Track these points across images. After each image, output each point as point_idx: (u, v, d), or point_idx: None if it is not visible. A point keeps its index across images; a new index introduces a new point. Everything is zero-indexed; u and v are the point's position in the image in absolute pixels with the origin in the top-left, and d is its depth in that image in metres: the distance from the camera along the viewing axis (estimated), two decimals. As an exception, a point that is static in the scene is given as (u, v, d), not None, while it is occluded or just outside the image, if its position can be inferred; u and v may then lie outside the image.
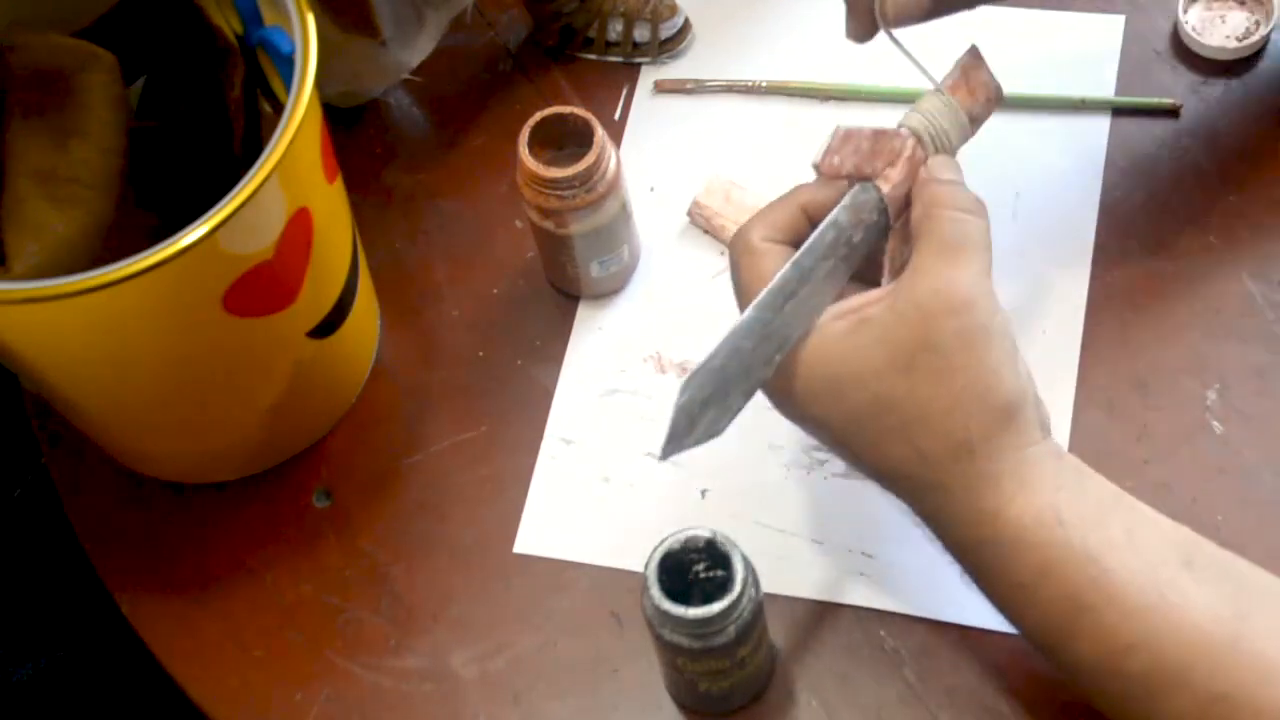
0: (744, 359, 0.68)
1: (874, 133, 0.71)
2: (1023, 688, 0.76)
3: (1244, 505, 0.80)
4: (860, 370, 0.67)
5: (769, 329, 0.68)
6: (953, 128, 0.72)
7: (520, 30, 0.98)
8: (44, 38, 0.79)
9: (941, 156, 0.72)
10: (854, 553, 0.81)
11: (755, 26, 0.97)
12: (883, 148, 0.71)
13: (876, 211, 0.70)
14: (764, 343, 0.68)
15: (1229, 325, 0.84)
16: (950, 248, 0.68)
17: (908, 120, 0.72)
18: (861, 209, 0.70)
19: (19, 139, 0.77)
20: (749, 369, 0.68)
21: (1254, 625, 0.65)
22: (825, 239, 0.70)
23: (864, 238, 0.70)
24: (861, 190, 0.71)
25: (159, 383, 0.78)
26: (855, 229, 0.70)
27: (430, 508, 0.85)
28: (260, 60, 0.81)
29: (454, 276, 0.91)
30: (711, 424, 0.68)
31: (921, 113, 0.72)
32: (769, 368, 0.69)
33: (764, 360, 0.68)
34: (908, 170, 0.71)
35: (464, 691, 0.80)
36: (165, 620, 0.84)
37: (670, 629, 0.70)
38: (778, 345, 0.69)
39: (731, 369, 0.68)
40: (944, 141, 0.72)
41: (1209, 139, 0.89)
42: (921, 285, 0.67)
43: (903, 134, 0.71)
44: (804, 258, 0.69)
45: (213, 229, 0.69)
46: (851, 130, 0.71)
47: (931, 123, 0.72)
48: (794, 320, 0.69)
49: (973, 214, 0.69)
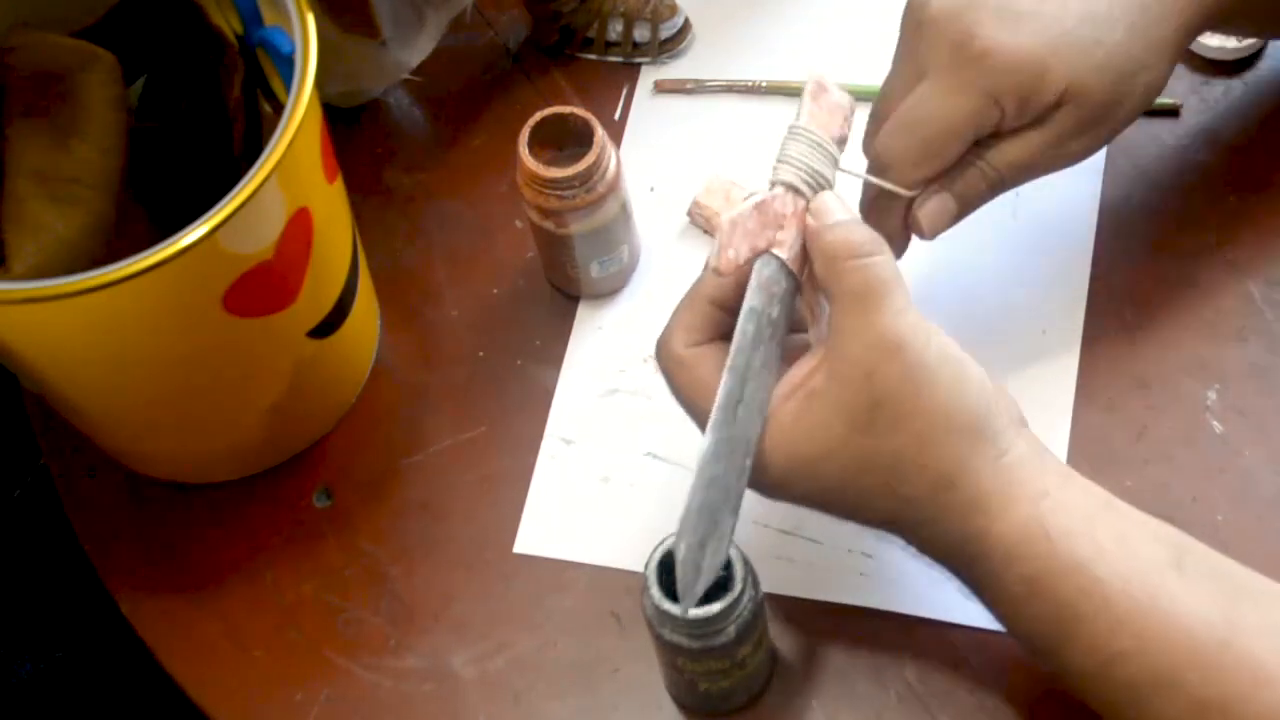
0: (721, 483, 0.68)
1: (754, 208, 0.71)
2: (1023, 688, 0.76)
3: (1244, 505, 0.80)
4: (824, 445, 0.68)
5: (733, 443, 0.68)
6: (823, 164, 0.71)
7: (520, 30, 0.98)
8: (44, 38, 0.79)
9: (823, 197, 0.71)
10: (854, 553, 0.81)
11: (755, 26, 0.97)
12: (767, 217, 0.70)
13: (784, 278, 0.70)
14: (732, 457, 0.68)
15: (1229, 325, 0.84)
16: (862, 299, 0.67)
17: (778, 176, 0.71)
18: (769, 284, 0.70)
19: (19, 139, 0.77)
20: (728, 489, 0.69)
21: (1245, 628, 0.65)
22: (749, 333, 0.69)
23: (781, 309, 0.70)
24: (763, 265, 0.70)
25: (159, 383, 0.78)
26: (771, 306, 0.70)
27: (430, 508, 0.85)
28: (260, 60, 0.81)
29: (454, 276, 0.91)
30: (714, 557, 0.69)
31: (787, 163, 0.71)
32: (744, 477, 0.69)
33: (738, 473, 0.69)
34: (797, 226, 0.70)
35: (464, 691, 0.80)
36: (165, 620, 0.84)
37: (670, 629, 0.70)
38: (745, 452, 0.69)
39: (714, 499, 0.68)
40: (820, 181, 0.71)
41: (1209, 139, 0.89)
42: (851, 344, 0.67)
43: (778, 194, 0.71)
44: (736, 359, 0.69)
45: (213, 229, 0.69)
46: (735, 217, 0.71)
47: (800, 168, 0.71)
48: (749, 422, 0.69)
49: (871, 254, 0.68)
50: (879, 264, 0.68)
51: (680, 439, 0.84)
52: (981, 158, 0.74)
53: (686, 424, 0.72)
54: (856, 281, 0.68)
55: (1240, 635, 0.64)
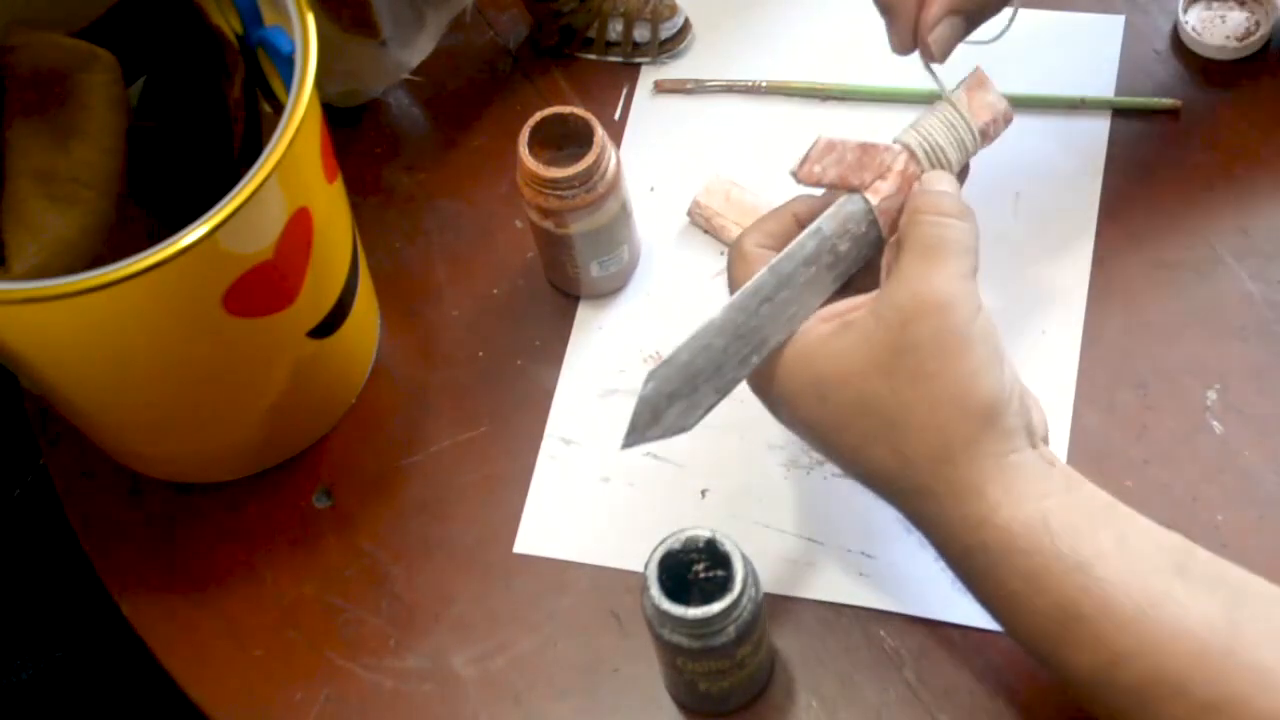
0: (714, 356, 0.69)
1: (860, 146, 0.71)
2: (1022, 688, 0.76)
3: (1244, 505, 0.80)
4: (842, 371, 0.68)
5: (742, 329, 0.69)
6: (950, 145, 0.72)
7: (520, 30, 0.98)
8: (44, 38, 0.79)
9: (937, 172, 0.72)
10: (854, 553, 0.81)
11: (755, 26, 0.97)
12: (870, 160, 0.71)
13: (864, 223, 0.70)
14: (737, 341, 0.69)
15: (1229, 325, 0.84)
16: (929, 250, 0.68)
17: (902, 137, 0.72)
18: (848, 220, 0.70)
19: (19, 139, 0.78)
20: (720, 366, 0.69)
21: (1248, 633, 0.64)
22: (806, 247, 0.70)
23: (851, 248, 0.70)
24: (849, 201, 0.71)
25: (159, 383, 0.78)
26: (840, 238, 0.70)
27: (430, 508, 0.85)
28: (260, 60, 0.81)
29: (454, 276, 0.91)
30: (679, 418, 0.69)
31: (917, 129, 0.72)
32: (744, 368, 0.69)
33: (738, 360, 0.69)
34: (899, 184, 0.71)
35: (464, 691, 0.80)
36: (165, 620, 0.84)
37: (670, 629, 0.70)
38: (753, 346, 0.69)
39: (700, 365, 0.68)
40: (939, 158, 0.72)
41: (1209, 139, 0.89)
42: (901, 289, 0.68)
43: (894, 148, 0.71)
44: (782, 263, 0.70)
45: (213, 229, 0.69)
46: (835, 141, 0.71)
47: (926, 139, 0.72)
48: (770, 323, 0.69)
49: (956, 218, 0.69)
50: (960, 228, 0.69)
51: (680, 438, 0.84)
52: None
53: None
54: (931, 234, 0.68)
55: (1243, 640, 0.64)
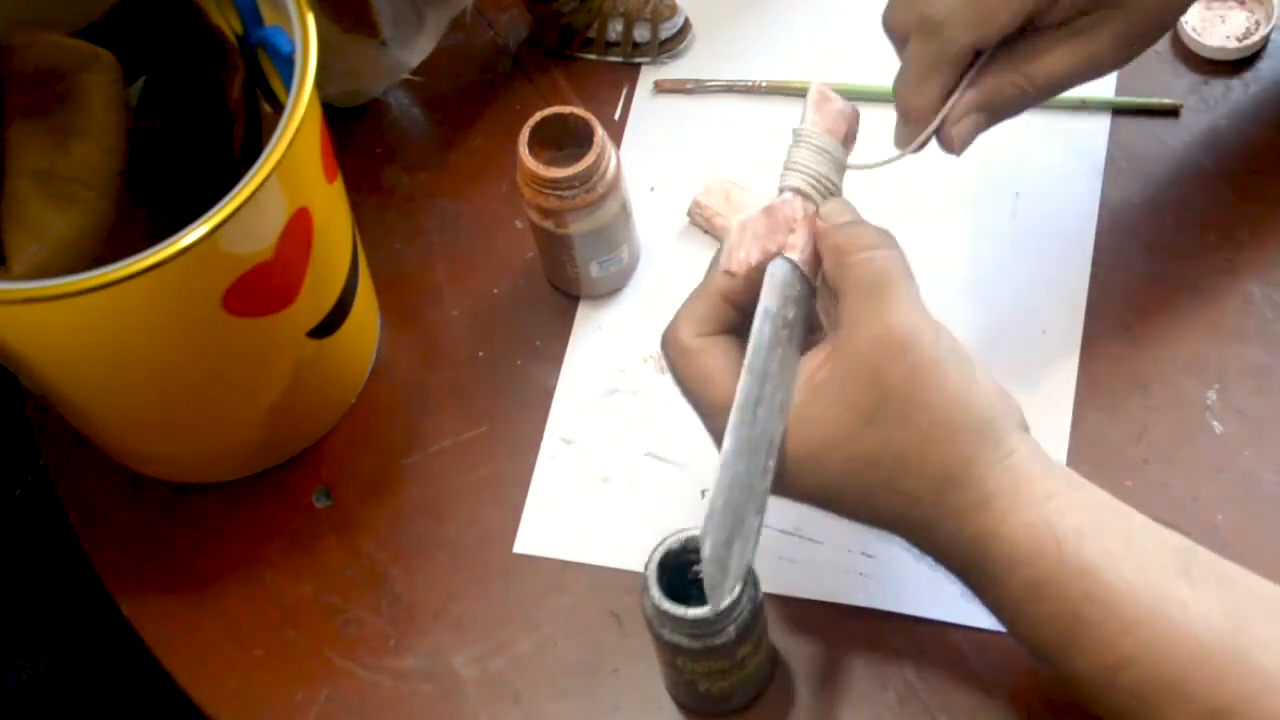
0: (744, 482, 0.68)
1: (762, 212, 0.71)
2: (1022, 688, 0.76)
3: (1244, 505, 0.80)
4: (830, 436, 0.67)
5: (753, 443, 0.68)
6: (830, 169, 0.72)
7: (520, 30, 0.98)
8: (44, 38, 0.79)
9: (830, 202, 0.71)
10: (854, 553, 0.81)
11: (755, 26, 0.97)
12: (776, 221, 0.71)
13: (798, 282, 0.70)
14: (754, 456, 0.68)
15: (1229, 325, 0.84)
16: (870, 291, 0.67)
17: (785, 182, 0.72)
18: (784, 286, 0.70)
19: (19, 139, 0.78)
20: (751, 488, 0.68)
21: (1253, 635, 0.64)
22: (765, 333, 0.69)
23: (797, 311, 0.70)
24: (775, 267, 0.70)
25: (159, 383, 0.78)
26: (786, 307, 0.70)
27: (430, 508, 0.85)
28: (260, 60, 0.81)
29: (454, 276, 0.91)
30: (740, 556, 0.68)
31: (794, 168, 0.72)
32: (767, 475, 0.69)
33: (761, 471, 0.68)
34: (808, 230, 0.70)
35: (464, 691, 0.80)
36: (165, 620, 0.84)
37: (670, 629, 0.70)
38: (766, 452, 0.68)
39: (737, 499, 0.68)
40: (828, 185, 0.72)
41: (1209, 139, 0.89)
42: (859, 337, 0.67)
43: (787, 198, 0.71)
44: (754, 359, 0.69)
45: (213, 229, 0.69)
46: (745, 220, 0.71)
47: (807, 173, 0.71)
48: (770, 422, 0.68)
49: (881, 247, 0.68)
50: (889, 257, 0.68)
51: (680, 439, 0.84)
52: (1016, 70, 0.73)
53: (686, 424, 0.72)
54: (866, 274, 0.68)
55: (1248, 642, 0.64)
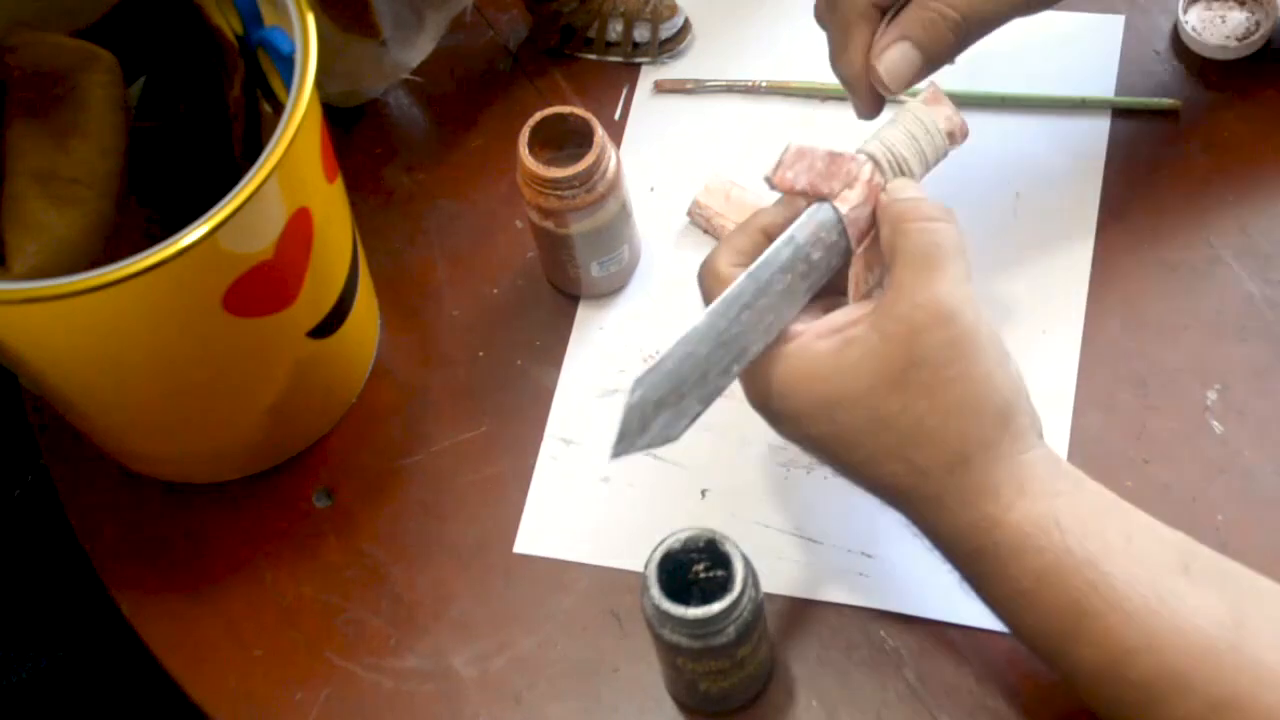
0: (699, 364, 0.68)
1: (829, 154, 0.71)
2: (1023, 688, 0.76)
3: (1244, 505, 0.80)
4: (851, 390, 0.67)
5: (724, 336, 0.68)
6: (913, 156, 0.72)
7: (520, 30, 0.98)
8: (44, 38, 0.79)
9: (903, 179, 0.72)
10: (854, 553, 0.81)
11: (755, 26, 0.97)
12: (838, 169, 0.71)
13: (835, 231, 0.70)
14: (719, 349, 0.68)
15: (1229, 325, 0.84)
16: (925, 259, 0.68)
17: (866, 147, 0.72)
18: (819, 228, 0.70)
19: (19, 139, 0.78)
20: (705, 374, 0.68)
21: (1254, 630, 0.65)
22: (781, 254, 0.70)
23: (823, 257, 0.70)
24: (819, 210, 0.71)
25: (159, 383, 0.78)
26: (813, 247, 0.70)
27: (430, 508, 0.85)
28: (260, 60, 0.81)
29: (454, 276, 0.91)
30: (666, 427, 0.69)
31: (880, 139, 0.72)
32: (726, 376, 0.69)
33: (721, 368, 0.69)
34: (866, 193, 0.71)
35: (464, 691, 0.80)
36: (165, 620, 0.84)
37: (670, 629, 0.70)
38: (735, 354, 0.69)
39: (685, 372, 0.68)
40: (903, 168, 0.72)
41: (1209, 139, 0.89)
42: (903, 301, 0.67)
43: (859, 158, 0.71)
44: (759, 270, 0.69)
45: (213, 229, 0.69)
46: (805, 149, 0.71)
47: (890, 150, 0.72)
48: (751, 331, 0.69)
49: (942, 220, 0.69)
50: (946, 230, 0.69)
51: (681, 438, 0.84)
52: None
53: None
54: (921, 242, 0.68)
55: (1249, 637, 0.64)
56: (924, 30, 0.74)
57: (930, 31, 0.74)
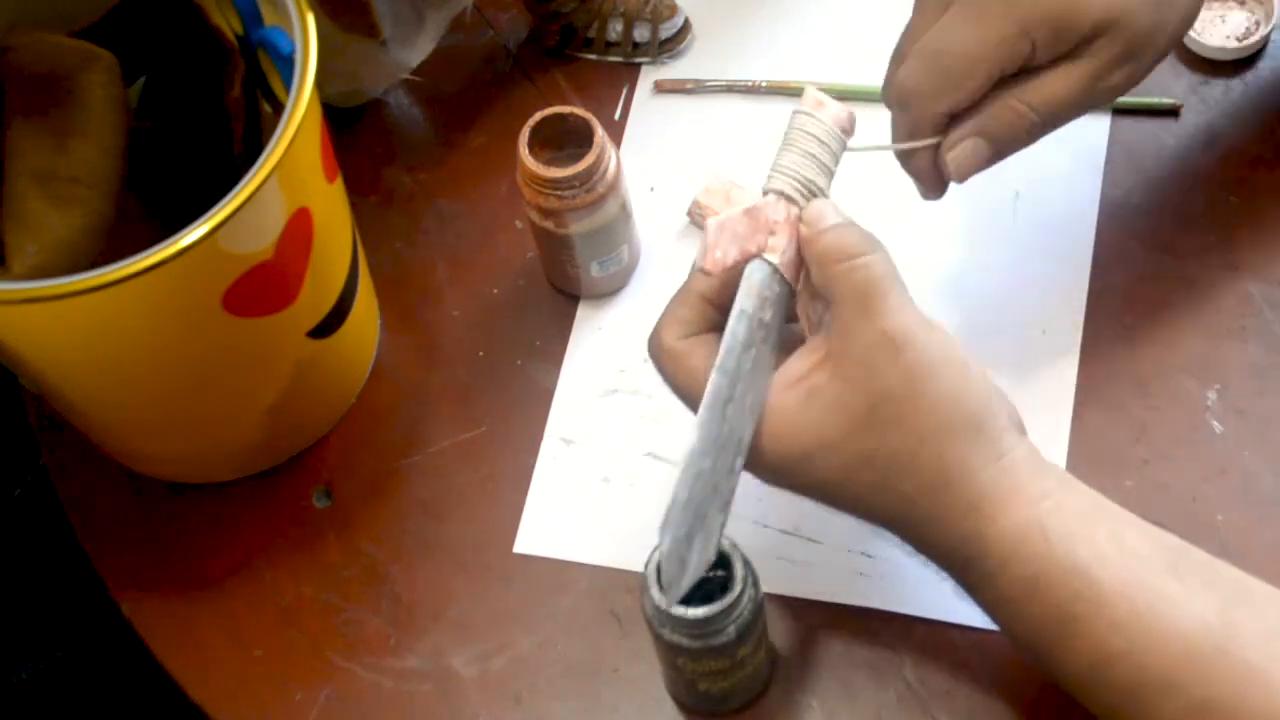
0: (708, 479, 0.68)
1: (744, 212, 0.70)
2: (1022, 688, 0.76)
3: (1244, 505, 0.80)
4: (824, 439, 0.68)
5: (721, 441, 0.68)
6: (816, 174, 0.71)
7: (520, 30, 0.98)
8: (44, 38, 0.79)
9: (814, 204, 0.70)
10: (854, 553, 0.81)
11: (755, 26, 0.97)
12: (758, 222, 0.70)
13: (776, 283, 0.70)
14: (721, 455, 0.68)
15: (1229, 325, 0.84)
16: (861, 298, 0.67)
17: (770, 184, 0.71)
18: (761, 288, 0.70)
19: (19, 139, 0.77)
20: (716, 486, 0.68)
21: (1242, 632, 0.65)
22: (739, 334, 0.69)
23: (774, 312, 0.70)
24: (754, 270, 0.70)
25: (159, 383, 0.78)
26: (763, 309, 0.69)
27: (430, 508, 0.85)
28: (260, 60, 0.81)
29: (454, 276, 0.91)
30: (702, 554, 0.68)
31: (780, 171, 0.71)
32: (734, 475, 0.69)
33: (727, 470, 0.68)
34: (790, 233, 0.70)
35: (464, 691, 0.80)
36: (165, 620, 0.84)
37: (670, 629, 0.70)
38: (735, 451, 0.68)
39: (700, 495, 0.68)
40: (812, 189, 0.71)
41: (1209, 139, 0.89)
42: (852, 344, 0.67)
43: (770, 200, 0.71)
44: (726, 360, 0.68)
45: (213, 229, 0.69)
46: (723, 220, 0.70)
47: (793, 178, 0.71)
48: (740, 421, 0.68)
49: (866, 253, 0.68)
50: (874, 262, 0.68)
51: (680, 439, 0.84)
52: (1016, 97, 0.73)
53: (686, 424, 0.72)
54: (854, 281, 0.67)
55: (1236, 638, 0.64)
56: (1002, 129, 0.73)
57: (1009, 131, 0.73)
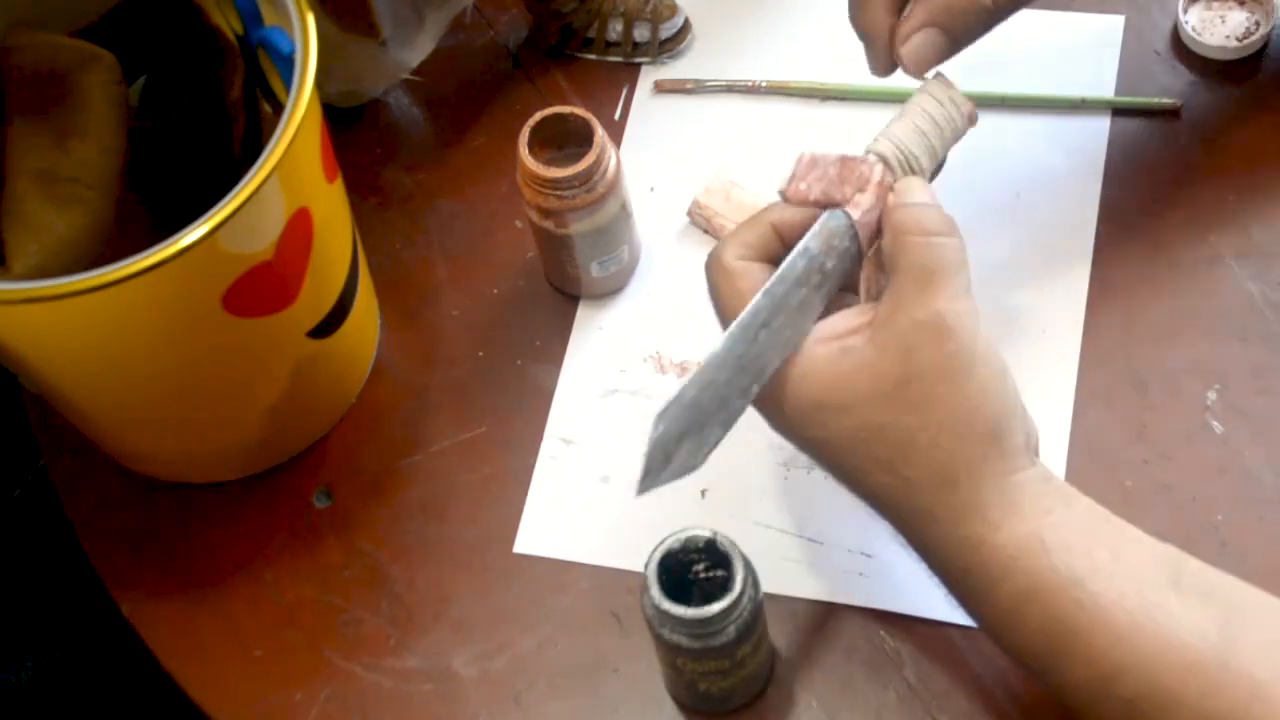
0: (719, 391, 0.68)
1: (840, 159, 0.71)
2: (1022, 688, 0.76)
3: (1244, 505, 0.80)
4: (844, 399, 0.67)
5: (743, 360, 0.68)
6: (922, 152, 0.72)
7: (520, 30, 0.98)
8: (44, 38, 0.79)
9: (910, 179, 0.71)
10: (854, 553, 0.81)
11: (755, 26, 0.97)
12: (850, 174, 0.70)
13: (848, 238, 0.70)
14: (739, 374, 0.68)
15: (1229, 325, 0.84)
16: (924, 273, 0.67)
17: (875, 146, 0.72)
18: (832, 235, 0.70)
19: (19, 139, 0.78)
20: (725, 400, 0.68)
21: (1243, 645, 0.64)
22: (797, 267, 0.69)
23: (837, 264, 0.70)
24: (831, 217, 0.70)
25: (159, 383, 0.78)
26: (827, 256, 0.70)
27: (430, 508, 0.85)
28: (260, 60, 0.81)
29: (454, 276, 0.91)
30: (688, 458, 0.68)
31: (889, 138, 0.72)
32: (746, 399, 0.69)
33: (740, 391, 0.68)
34: (877, 196, 0.70)
35: (464, 691, 0.80)
36: (165, 620, 0.84)
37: (670, 629, 0.70)
38: (753, 376, 0.68)
39: (706, 402, 0.68)
40: (913, 164, 0.71)
41: (1209, 139, 0.89)
42: (900, 317, 0.67)
43: (869, 160, 0.71)
44: (776, 286, 0.69)
45: (213, 229, 0.69)
46: (818, 156, 0.71)
47: (899, 147, 0.71)
48: (769, 350, 0.68)
49: (944, 235, 0.68)
50: (948, 245, 0.68)
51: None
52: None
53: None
54: (922, 257, 0.68)
55: (1238, 652, 0.64)
56: (952, 17, 0.73)
57: (959, 18, 0.73)
